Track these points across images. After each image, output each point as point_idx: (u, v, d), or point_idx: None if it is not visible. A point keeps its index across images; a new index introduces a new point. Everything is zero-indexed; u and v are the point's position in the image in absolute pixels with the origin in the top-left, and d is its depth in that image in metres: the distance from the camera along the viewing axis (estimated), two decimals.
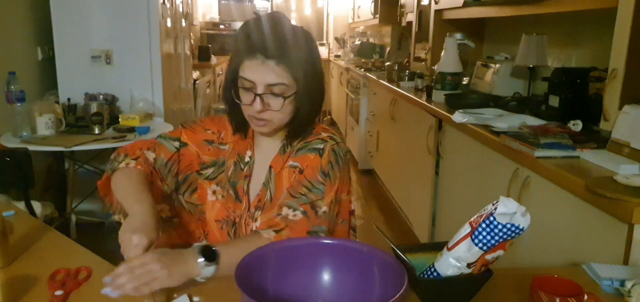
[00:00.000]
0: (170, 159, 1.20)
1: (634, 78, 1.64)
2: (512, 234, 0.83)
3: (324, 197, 1.10)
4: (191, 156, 1.22)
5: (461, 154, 2.34)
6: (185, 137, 1.22)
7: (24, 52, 2.97)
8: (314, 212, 1.08)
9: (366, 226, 3.44)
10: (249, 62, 1.06)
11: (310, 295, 0.92)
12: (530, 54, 2.42)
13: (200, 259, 0.94)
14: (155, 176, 1.18)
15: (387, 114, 3.66)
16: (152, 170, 1.17)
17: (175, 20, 3.60)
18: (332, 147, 1.14)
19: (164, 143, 1.21)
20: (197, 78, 4.77)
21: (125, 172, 1.12)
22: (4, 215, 1.26)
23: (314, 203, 1.09)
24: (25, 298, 0.94)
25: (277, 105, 1.07)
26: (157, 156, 1.19)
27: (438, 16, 3.57)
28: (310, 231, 1.07)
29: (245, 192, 1.19)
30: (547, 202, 1.59)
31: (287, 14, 7.75)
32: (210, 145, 1.23)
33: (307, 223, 1.07)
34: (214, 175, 1.22)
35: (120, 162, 1.15)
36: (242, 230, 1.18)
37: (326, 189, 1.11)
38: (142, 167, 1.14)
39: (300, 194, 1.10)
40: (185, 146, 1.21)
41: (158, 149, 1.20)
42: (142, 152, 1.18)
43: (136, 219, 0.98)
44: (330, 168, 1.12)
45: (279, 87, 1.06)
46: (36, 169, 2.22)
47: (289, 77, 1.07)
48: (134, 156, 1.16)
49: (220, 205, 1.20)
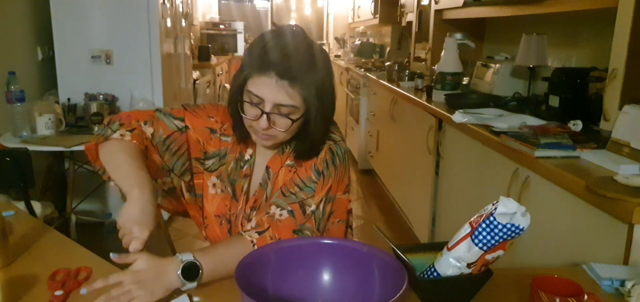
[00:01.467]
0: (169, 136, 1.14)
1: (634, 78, 1.64)
2: (512, 234, 0.83)
3: (313, 195, 1.09)
4: (193, 141, 1.17)
5: (461, 154, 2.34)
6: (188, 121, 1.17)
7: (24, 52, 2.97)
8: (302, 211, 1.07)
9: (366, 226, 3.44)
10: (260, 78, 1.01)
11: (310, 295, 0.92)
12: (530, 54, 2.42)
13: (181, 278, 0.91)
14: (152, 150, 1.13)
15: (387, 114, 3.66)
16: (149, 144, 1.13)
17: (175, 20, 3.60)
18: (330, 146, 1.12)
19: (162, 119, 1.15)
20: (197, 78, 4.77)
21: (120, 144, 1.06)
22: (4, 215, 1.26)
23: (303, 201, 1.08)
24: (25, 298, 0.94)
25: (283, 125, 1.04)
26: (154, 130, 1.13)
27: (438, 16, 3.57)
28: (295, 229, 1.06)
29: (245, 191, 1.17)
30: (547, 202, 1.59)
31: (287, 14, 7.79)
32: (213, 134, 1.18)
33: (293, 222, 1.06)
34: (214, 167, 1.19)
35: (114, 130, 1.08)
36: (238, 230, 1.16)
37: (317, 188, 1.09)
38: (137, 142, 1.08)
39: (291, 193, 1.09)
40: (188, 129, 1.17)
41: (156, 124, 1.14)
42: (139, 124, 1.12)
43: (137, 206, 0.95)
44: (325, 167, 1.10)
45: (288, 108, 1.02)
46: (36, 169, 2.22)
47: (300, 100, 1.02)
48: (129, 126, 1.10)
49: (219, 200, 1.18)
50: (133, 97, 3.05)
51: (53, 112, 2.61)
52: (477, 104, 2.48)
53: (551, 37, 2.50)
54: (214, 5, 7.12)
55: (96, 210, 3.27)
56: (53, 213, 2.53)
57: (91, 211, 3.22)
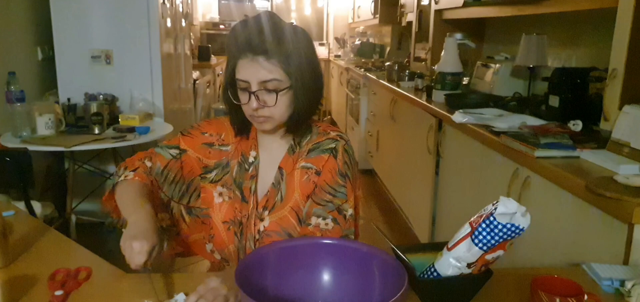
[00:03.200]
0: (165, 167, 1.19)
1: (634, 78, 1.64)
2: (512, 234, 0.83)
3: (347, 200, 1.13)
4: (192, 162, 1.21)
5: (461, 154, 2.34)
6: (184, 144, 1.22)
7: (24, 52, 2.97)
8: (343, 217, 1.12)
9: (366, 226, 3.44)
10: (241, 62, 1.07)
11: (310, 295, 0.92)
12: (530, 54, 2.42)
13: None
14: (154, 185, 1.18)
15: (387, 114, 3.66)
16: (152, 179, 1.17)
17: (175, 20, 3.60)
18: (344, 146, 1.16)
19: (160, 152, 1.21)
20: (197, 78, 4.77)
21: (124, 184, 1.12)
22: (4, 215, 1.26)
23: (340, 207, 1.12)
24: (25, 298, 0.94)
25: (271, 101, 1.07)
26: (153, 164, 1.19)
27: (438, 16, 3.57)
28: (342, 236, 1.11)
29: (253, 192, 1.18)
30: (547, 202, 1.59)
31: (287, 14, 7.79)
32: (211, 148, 1.22)
33: (339, 230, 1.11)
34: (218, 177, 1.22)
35: (120, 175, 1.15)
36: (250, 230, 1.17)
37: (348, 191, 1.14)
38: (140, 178, 1.14)
39: (325, 201, 1.12)
40: (184, 153, 1.21)
41: (154, 158, 1.20)
42: (141, 162, 1.18)
43: (134, 226, 0.97)
44: (346, 168, 1.14)
45: (272, 83, 1.06)
46: (36, 169, 2.22)
47: (281, 72, 1.06)
48: (132, 167, 1.16)
49: (227, 206, 1.20)
50: (133, 97, 3.05)
51: (53, 112, 2.61)
52: (477, 104, 2.48)
53: (551, 37, 2.50)
54: (214, 5, 7.12)
55: (96, 210, 3.26)
56: (53, 213, 2.53)
57: (91, 211, 3.22)
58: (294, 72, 1.07)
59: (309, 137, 1.18)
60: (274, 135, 1.18)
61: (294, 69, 1.07)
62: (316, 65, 1.13)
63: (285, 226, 1.15)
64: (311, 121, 1.19)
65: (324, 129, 1.19)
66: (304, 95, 1.10)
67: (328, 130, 1.18)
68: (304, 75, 1.08)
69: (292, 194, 1.15)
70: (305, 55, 1.09)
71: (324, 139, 1.16)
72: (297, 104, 1.10)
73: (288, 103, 1.09)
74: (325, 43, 7.53)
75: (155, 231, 0.97)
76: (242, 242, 1.18)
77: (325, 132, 1.18)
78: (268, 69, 1.05)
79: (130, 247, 0.92)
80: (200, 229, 1.25)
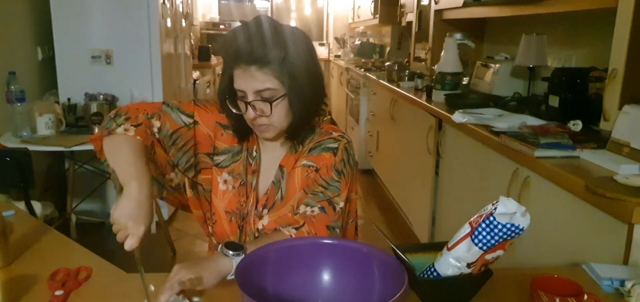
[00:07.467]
0: (175, 131, 1.14)
1: (634, 78, 1.64)
2: (512, 234, 0.83)
3: (339, 193, 1.12)
4: (203, 137, 1.17)
5: (461, 154, 2.34)
6: (197, 116, 1.17)
7: (24, 52, 2.97)
8: (332, 208, 1.10)
9: (366, 226, 3.44)
10: (236, 72, 1.05)
11: (310, 295, 0.92)
12: (530, 54, 2.42)
13: (229, 252, 0.96)
14: (157, 145, 1.13)
15: (387, 114, 3.66)
16: (154, 140, 1.12)
17: (175, 20, 3.60)
18: (345, 145, 1.15)
19: (170, 113, 1.14)
20: (197, 78, 4.77)
21: (124, 139, 1.04)
22: (4, 215, 1.26)
23: (331, 199, 1.11)
24: (25, 298, 0.94)
25: (267, 109, 1.05)
26: (162, 124, 1.13)
27: (438, 16, 3.57)
28: (328, 225, 1.09)
29: (254, 188, 1.17)
30: (547, 202, 1.59)
31: (287, 14, 7.79)
32: (225, 130, 1.19)
33: (325, 218, 1.09)
34: (226, 163, 1.18)
35: (119, 124, 1.07)
36: (250, 227, 1.17)
37: (341, 186, 1.12)
38: (142, 137, 1.06)
39: (317, 192, 1.11)
40: (197, 125, 1.16)
41: (163, 118, 1.13)
42: (146, 118, 1.11)
43: (133, 200, 0.93)
44: (343, 166, 1.13)
45: (267, 92, 1.04)
46: (36, 169, 2.22)
47: (274, 81, 1.03)
48: (135, 121, 1.08)
49: (231, 196, 1.18)
50: (133, 97, 3.05)
51: (53, 112, 2.61)
52: (477, 104, 2.48)
53: (551, 37, 2.50)
54: (214, 5, 7.12)
55: (96, 210, 3.27)
56: (53, 213, 2.53)
57: (91, 211, 3.22)
58: (287, 80, 1.04)
59: (311, 137, 1.17)
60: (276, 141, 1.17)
61: (289, 76, 1.04)
62: (315, 67, 1.11)
63: (284, 225, 1.14)
64: (314, 122, 1.17)
65: (327, 130, 1.18)
66: (299, 101, 1.07)
67: (331, 131, 1.18)
68: (300, 80, 1.06)
69: (293, 193, 1.14)
70: (302, 59, 1.06)
71: (326, 138, 1.16)
72: (294, 111, 1.08)
73: (286, 110, 1.07)
74: (325, 43, 7.53)
75: (151, 209, 0.96)
76: (242, 238, 1.18)
77: (328, 133, 1.17)
78: (260, 80, 1.03)
79: (125, 226, 0.91)
80: (201, 206, 1.23)
